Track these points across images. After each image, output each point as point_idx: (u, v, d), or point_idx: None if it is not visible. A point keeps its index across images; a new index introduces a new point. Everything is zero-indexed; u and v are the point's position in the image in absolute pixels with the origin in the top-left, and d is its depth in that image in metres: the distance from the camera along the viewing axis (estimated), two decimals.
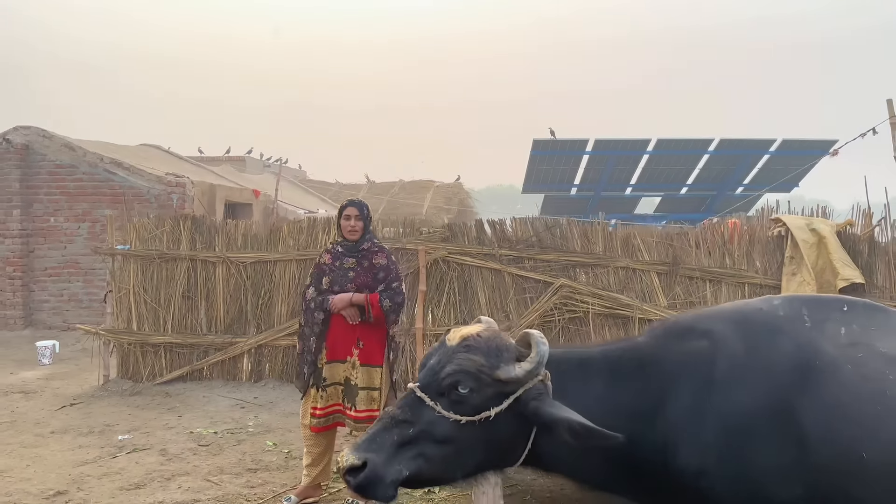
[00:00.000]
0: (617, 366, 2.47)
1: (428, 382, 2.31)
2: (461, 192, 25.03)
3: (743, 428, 2.27)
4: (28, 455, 5.85)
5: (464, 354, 2.30)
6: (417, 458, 2.24)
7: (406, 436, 2.24)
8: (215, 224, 8.30)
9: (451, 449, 2.26)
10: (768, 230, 7.63)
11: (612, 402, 2.40)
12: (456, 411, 2.24)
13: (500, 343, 2.35)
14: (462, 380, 2.26)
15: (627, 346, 2.58)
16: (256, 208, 14.51)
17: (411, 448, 2.24)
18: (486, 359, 2.29)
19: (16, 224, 11.49)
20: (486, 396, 2.26)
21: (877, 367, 2.30)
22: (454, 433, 2.25)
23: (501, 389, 2.27)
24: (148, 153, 14.84)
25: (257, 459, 5.77)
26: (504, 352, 2.32)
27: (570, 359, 2.50)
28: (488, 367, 2.27)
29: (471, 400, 2.25)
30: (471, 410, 2.25)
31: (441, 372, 2.30)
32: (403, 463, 2.22)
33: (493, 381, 2.27)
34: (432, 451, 2.25)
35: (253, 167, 23.45)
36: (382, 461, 2.19)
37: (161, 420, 6.90)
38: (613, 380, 2.44)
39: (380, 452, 2.21)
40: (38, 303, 11.68)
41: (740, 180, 23.53)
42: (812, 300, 2.58)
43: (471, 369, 2.27)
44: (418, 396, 2.28)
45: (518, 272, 7.57)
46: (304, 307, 4.86)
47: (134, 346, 8.17)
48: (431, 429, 2.25)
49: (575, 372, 2.45)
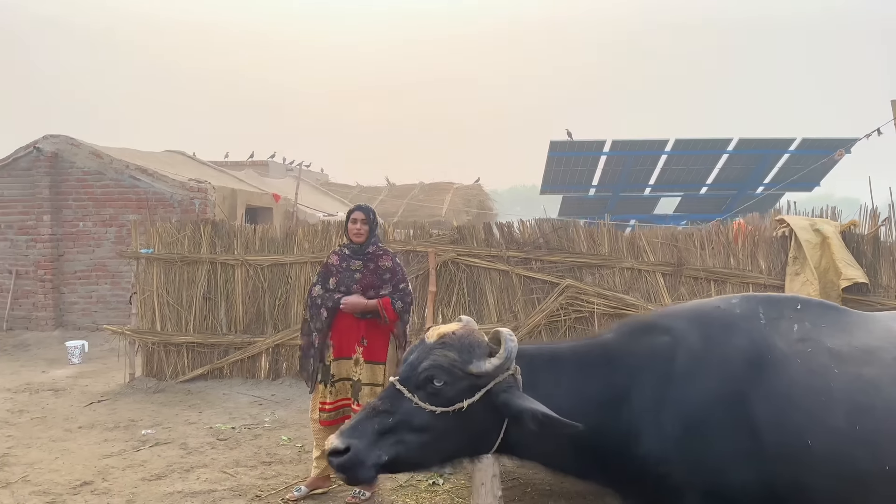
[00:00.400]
0: (585, 361, 2.67)
1: (407, 376, 2.53)
2: (480, 193, 25.21)
3: (699, 417, 2.46)
4: (57, 448, 6.19)
5: (439, 351, 2.52)
6: (397, 444, 2.45)
7: (386, 424, 2.46)
8: (234, 228, 8.62)
9: (428, 437, 2.47)
10: (773, 231, 7.74)
11: (579, 394, 2.59)
12: (432, 403, 2.45)
13: (472, 340, 2.55)
14: (436, 374, 2.47)
15: (595, 343, 2.77)
16: (276, 212, 14.86)
17: (391, 436, 2.45)
18: (459, 355, 2.50)
19: (46, 229, 11.94)
20: (459, 389, 2.47)
21: (823, 362, 2.48)
22: (430, 422, 2.46)
23: (474, 383, 2.47)
24: (173, 159, 15.26)
25: (272, 453, 6.04)
26: (476, 348, 2.52)
27: (542, 354, 2.70)
28: (461, 363, 2.48)
29: (445, 392, 2.46)
30: (445, 402, 2.45)
31: (419, 367, 2.51)
32: (384, 449, 2.43)
33: (466, 374, 2.47)
34: (410, 439, 2.46)
35: (276, 171, 23.87)
36: (364, 446, 2.41)
37: (182, 416, 7.21)
38: (581, 373, 2.64)
39: (362, 439, 2.42)
40: (68, 304, 12.13)
41: (761, 180, 23.41)
42: (768, 299, 2.75)
43: (445, 364, 2.48)
44: (398, 389, 2.50)
45: (525, 273, 7.77)
46: (309, 304, 5.09)
47: (158, 346, 8.51)
48: (409, 418, 2.46)
49: (546, 366, 2.64)
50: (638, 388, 2.56)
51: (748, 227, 7.81)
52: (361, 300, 4.90)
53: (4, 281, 12.17)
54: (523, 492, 5.13)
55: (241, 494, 5.10)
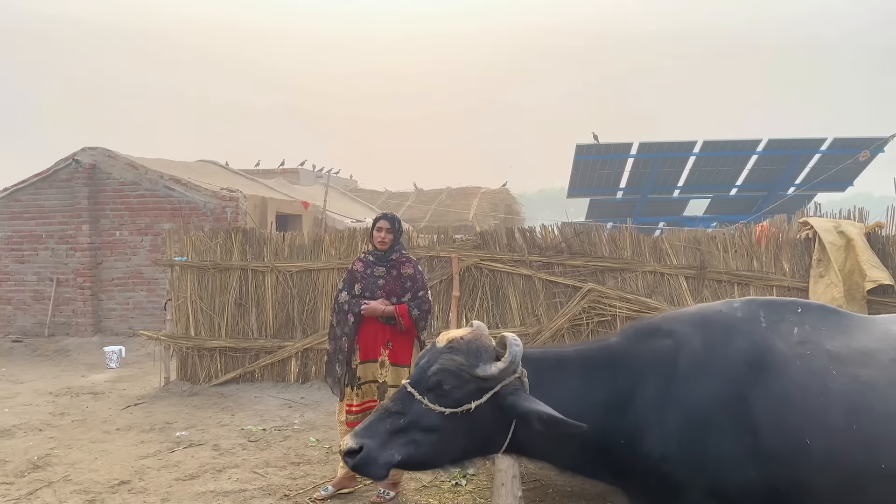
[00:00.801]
0: (590, 364, 2.78)
1: (418, 379, 2.68)
2: (508, 197, 25.30)
3: (701, 418, 2.55)
4: (96, 449, 6.46)
5: (447, 355, 2.65)
6: (409, 444, 2.59)
7: (398, 425, 2.60)
8: (264, 235, 8.86)
9: (438, 437, 2.61)
10: (796, 233, 7.74)
11: (585, 396, 2.71)
12: (441, 404, 2.59)
13: (479, 345, 2.68)
14: (445, 378, 2.61)
15: (600, 346, 2.88)
16: (306, 219, 15.13)
17: (403, 436, 2.60)
18: (466, 359, 2.63)
19: (85, 238, 12.36)
20: (467, 391, 2.60)
21: (822, 364, 2.56)
22: (440, 423, 2.59)
23: (481, 385, 2.60)
24: (206, 169, 15.65)
25: (300, 454, 6.23)
26: (483, 352, 2.65)
27: (549, 358, 2.83)
28: (468, 366, 2.61)
29: (453, 394, 2.59)
30: (453, 403, 2.59)
31: (428, 370, 2.65)
32: (396, 448, 2.58)
33: (473, 378, 2.60)
34: (421, 439, 2.60)
35: (306, 179, 24.27)
36: (376, 446, 2.56)
37: (215, 418, 7.45)
38: (587, 376, 2.75)
39: (374, 438, 2.57)
40: (106, 311, 12.52)
41: (791, 180, 23.13)
42: (769, 303, 2.83)
43: (452, 368, 2.61)
44: (409, 391, 2.65)
45: (548, 277, 7.87)
46: (336, 310, 5.26)
47: (191, 351, 8.78)
48: (420, 419, 2.60)
49: (552, 370, 2.76)
50: (642, 390, 2.67)
51: (771, 229, 7.81)
52: (379, 306, 5.06)
53: (46, 289, 12.61)
54: (545, 493, 5.23)
55: (271, 494, 5.29)
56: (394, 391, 5.04)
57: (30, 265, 12.71)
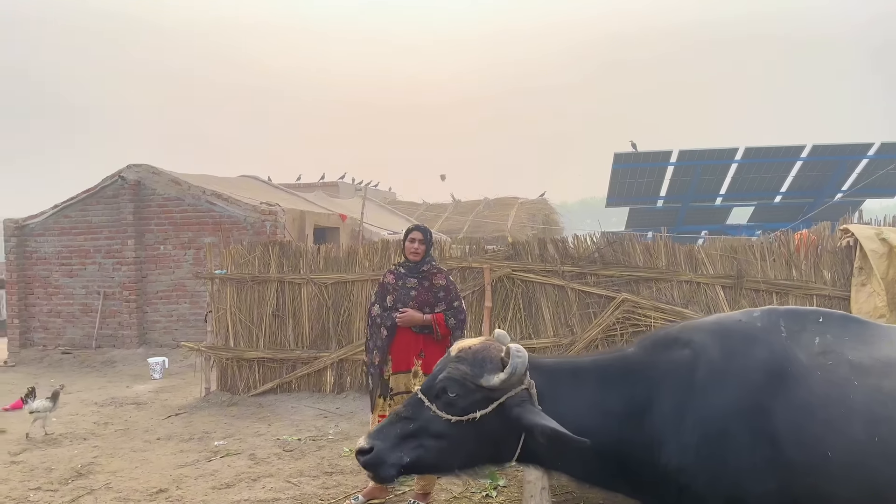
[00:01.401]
0: (606, 374, 2.77)
1: (428, 386, 2.74)
2: (546, 207, 25.22)
3: (719, 428, 2.52)
4: (137, 458, 6.63)
5: (454, 364, 2.71)
6: (417, 448, 2.66)
7: (408, 429, 2.68)
8: (300, 248, 9.02)
9: (445, 443, 2.66)
10: (837, 240, 7.56)
11: (601, 407, 2.70)
12: (448, 412, 2.64)
13: (485, 355, 2.71)
14: (449, 386, 2.66)
15: (617, 357, 2.87)
16: (343, 231, 15.34)
17: (413, 440, 2.67)
18: (471, 368, 2.67)
19: (131, 252, 12.74)
20: (473, 400, 2.63)
21: (844, 374, 2.51)
22: (447, 430, 2.64)
23: (488, 395, 2.63)
24: (248, 184, 16.01)
25: (334, 464, 6.30)
26: (487, 362, 2.68)
27: (563, 368, 2.83)
28: (472, 376, 2.65)
29: (458, 403, 2.64)
30: (459, 412, 2.63)
31: (436, 378, 2.73)
32: (405, 451, 2.65)
33: (477, 387, 2.64)
34: (429, 444, 2.67)
35: (346, 192, 24.60)
36: (386, 448, 2.65)
37: (252, 428, 7.58)
38: (603, 387, 2.74)
39: (385, 441, 2.65)
40: (151, 323, 12.87)
41: (839, 186, 22.60)
42: (790, 312, 2.78)
43: (457, 377, 2.66)
44: (420, 397, 2.72)
45: (581, 287, 7.84)
46: (369, 323, 5.33)
47: (231, 361, 8.97)
48: (428, 425, 2.66)
49: (567, 380, 2.76)
50: (659, 401, 2.65)
51: (811, 236, 7.65)
52: (417, 314, 5.10)
53: (94, 302, 13.02)
54: None
55: (303, 503, 5.36)
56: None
57: (78, 279, 13.15)
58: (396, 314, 5.15)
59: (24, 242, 13.37)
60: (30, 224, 13.33)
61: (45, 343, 13.24)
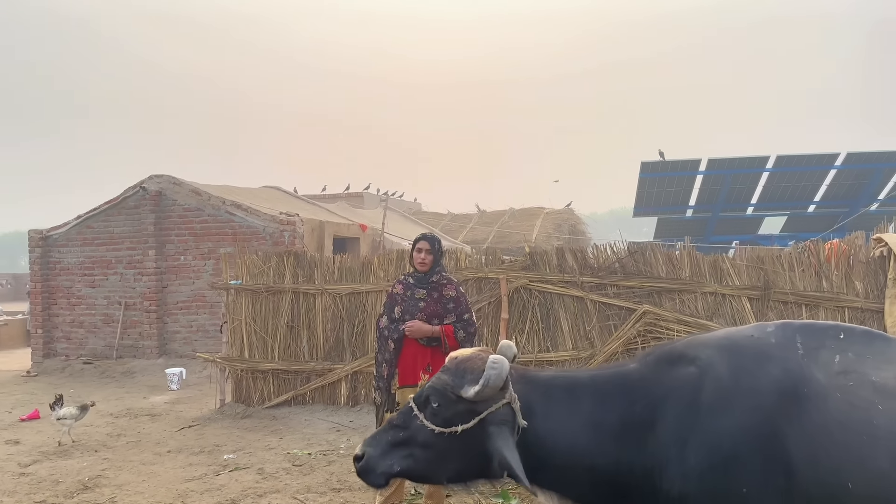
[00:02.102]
0: (604, 390, 2.57)
1: (418, 395, 2.65)
2: (572, 217, 24.92)
3: (725, 454, 2.30)
4: (145, 471, 6.53)
5: (439, 374, 2.64)
6: (407, 457, 2.58)
7: (398, 438, 2.61)
8: (315, 258, 8.90)
9: (432, 453, 2.56)
10: (870, 250, 7.21)
11: (597, 426, 2.50)
12: (433, 422, 2.53)
13: (468, 366, 2.58)
14: (432, 396, 2.58)
15: (617, 372, 2.66)
16: (364, 242, 15.23)
17: (403, 448, 2.59)
18: (452, 379, 2.56)
19: (151, 263, 12.76)
20: (455, 412, 2.52)
21: (866, 396, 2.27)
22: (432, 440, 2.54)
23: (471, 408, 2.50)
24: (269, 194, 16.01)
25: (343, 480, 6.13)
26: (468, 373, 2.55)
27: (559, 383, 2.64)
28: (452, 387, 2.54)
29: (441, 413, 2.54)
30: (443, 423, 2.52)
31: (425, 388, 2.64)
32: (395, 459, 2.59)
33: (458, 398, 2.52)
34: (417, 454, 2.58)
35: (370, 202, 24.57)
36: (377, 455, 2.59)
37: (264, 441, 7.45)
38: (600, 404, 2.53)
39: (376, 448, 2.61)
40: (171, 333, 12.86)
41: (874, 195, 21.97)
42: (807, 327, 2.55)
43: (438, 387, 2.58)
44: (410, 406, 2.63)
45: (600, 299, 7.59)
46: (377, 335, 5.16)
47: (245, 373, 8.87)
48: (416, 434, 2.57)
49: (562, 395, 2.57)
50: (662, 421, 2.44)
51: (842, 246, 7.31)
52: (424, 325, 4.92)
53: (115, 312, 13.06)
54: None
55: None
56: None
57: (100, 289, 13.20)
58: (403, 325, 4.98)
59: (48, 253, 13.48)
60: (53, 235, 13.45)
61: (67, 353, 13.31)
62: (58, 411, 7.64)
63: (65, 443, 7.54)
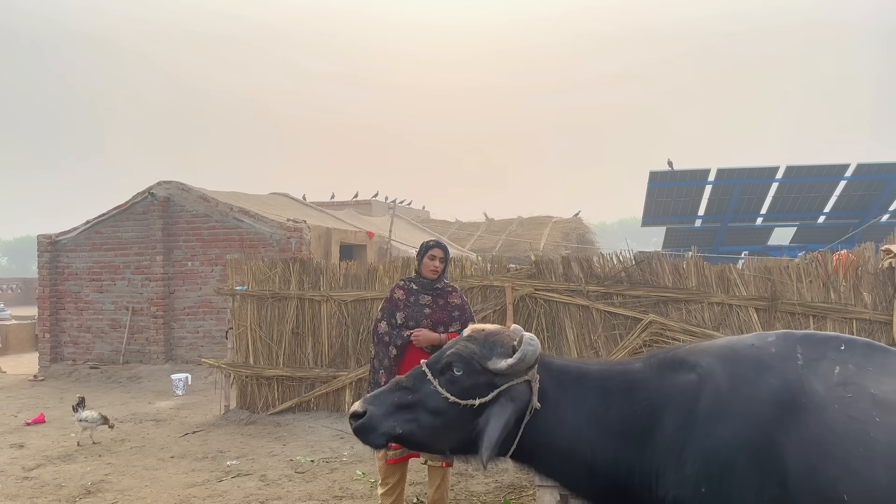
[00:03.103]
0: (609, 387, 2.57)
1: (434, 361, 2.62)
2: (580, 226, 24.86)
3: (721, 463, 2.28)
4: (148, 476, 6.53)
5: (464, 342, 2.61)
6: (411, 421, 2.55)
7: (406, 400, 2.57)
8: (320, 265, 8.90)
9: (441, 421, 2.54)
10: (879, 261, 7.14)
11: (599, 421, 2.51)
12: (449, 390, 2.51)
13: (497, 339, 2.59)
14: (455, 362, 2.55)
15: (623, 370, 2.65)
16: (371, 249, 15.24)
17: (408, 412, 2.56)
18: (480, 349, 2.55)
19: (159, 268, 12.81)
20: (476, 382, 2.51)
21: (865, 409, 2.24)
22: (444, 408, 2.52)
23: (491, 380, 2.50)
24: (276, 201, 16.05)
25: (345, 487, 6.10)
26: (498, 346, 2.56)
27: (570, 371, 2.64)
28: (479, 357, 2.53)
29: (462, 382, 2.52)
30: (461, 391, 2.51)
31: (444, 354, 2.62)
32: (398, 422, 2.55)
33: (483, 369, 2.51)
34: (424, 420, 2.55)
35: (378, 210, 24.60)
36: (380, 414, 2.55)
37: (267, 448, 7.43)
38: (604, 400, 2.54)
39: (380, 407, 2.56)
40: (177, 339, 12.88)
41: (885, 206, 21.82)
42: (808, 337, 2.52)
43: (465, 354, 2.55)
44: (423, 370, 2.60)
45: (606, 308, 7.54)
46: (375, 341, 5.03)
47: (250, 379, 8.86)
48: (427, 400, 2.55)
49: (572, 384, 2.59)
50: (660, 426, 2.43)
51: (850, 257, 7.24)
52: (432, 333, 4.85)
53: (122, 317, 13.10)
54: None
55: None
56: None
57: (108, 294, 13.25)
58: (407, 332, 4.91)
59: (57, 258, 13.55)
60: (62, 240, 13.52)
61: (74, 358, 13.36)
62: (80, 413, 7.87)
63: (83, 443, 7.75)
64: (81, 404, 7.95)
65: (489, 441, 2.39)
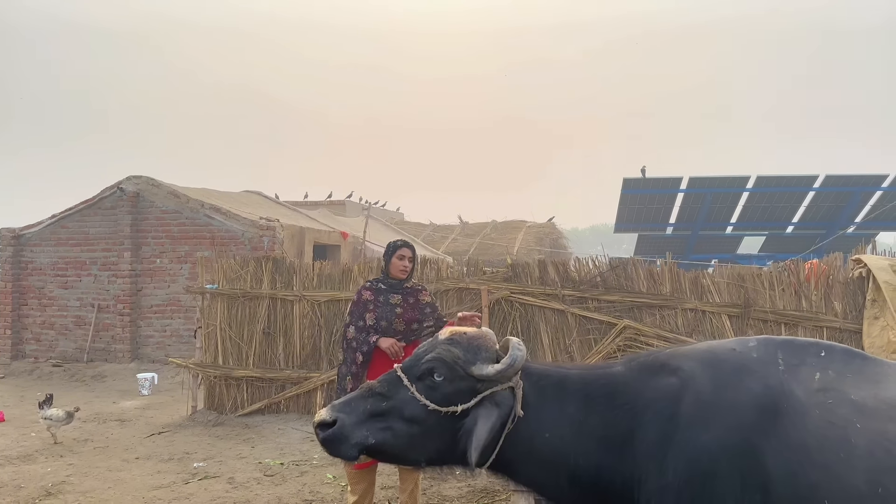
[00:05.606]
0: (590, 392, 2.50)
1: (410, 365, 2.48)
2: (554, 231, 24.93)
3: (703, 468, 2.25)
4: (111, 478, 6.35)
5: (445, 346, 2.47)
6: (385, 430, 2.39)
7: (379, 408, 2.40)
8: (293, 264, 8.77)
9: (417, 430, 2.40)
10: (849, 271, 7.24)
11: (580, 427, 2.45)
12: (428, 397, 2.38)
13: (481, 343, 2.48)
14: (437, 367, 2.41)
15: (603, 374, 2.59)
16: (345, 249, 15.10)
17: (382, 420, 2.39)
18: (464, 353, 2.43)
19: (126, 265, 12.53)
20: (457, 389, 2.39)
21: (845, 415, 2.24)
22: (422, 416, 2.38)
23: (473, 386, 2.39)
24: (249, 199, 15.82)
25: (315, 491, 5.99)
26: (482, 351, 2.45)
27: (550, 375, 2.56)
28: (463, 361, 2.41)
29: (443, 388, 2.39)
30: (441, 398, 2.38)
31: (423, 358, 2.46)
32: (371, 431, 2.37)
33: (467, 375, 2.40)
34: (399, 428, 2.39)
35: (353, 211, 24.41)
36: (352, 423, 2.36)
37: (235, 450, 7.28)
38: (585, 405, 2.48)
39: (351, 415, 2.37)
40: (144, 338, 12.61)
41: (852, 218, 22.25)
42: (788, 343, 2.51)
43: (448, 359, 2.42)
44: (398, 375, 2.45)
45: (581, 312, 7.54)
46: (344, 346, 4.89)
47: (219, 380, 8.69)
48: (403, 407, 2.39)
49: (553, 389, 2.51)
50: (642, 431, 2.39)
51: (822, 266, 7.33)
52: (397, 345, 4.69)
53: (88, 314, 12.79)
54: None
55: None
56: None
57: (73, 291, 12.94)
58: (374, 338, 4.78)
59: (20, 252, 13.20)
60: (26, 234, 13.17)
61: (36, 355, 13.01)
62: (45, 410, 7.70)
63: (59, 440, 7.66)
64: (48, 402, 7.79)
65: (478, 441, 2.30)
